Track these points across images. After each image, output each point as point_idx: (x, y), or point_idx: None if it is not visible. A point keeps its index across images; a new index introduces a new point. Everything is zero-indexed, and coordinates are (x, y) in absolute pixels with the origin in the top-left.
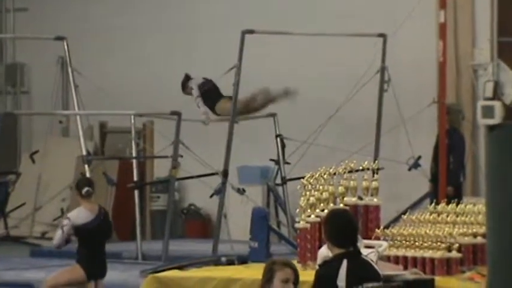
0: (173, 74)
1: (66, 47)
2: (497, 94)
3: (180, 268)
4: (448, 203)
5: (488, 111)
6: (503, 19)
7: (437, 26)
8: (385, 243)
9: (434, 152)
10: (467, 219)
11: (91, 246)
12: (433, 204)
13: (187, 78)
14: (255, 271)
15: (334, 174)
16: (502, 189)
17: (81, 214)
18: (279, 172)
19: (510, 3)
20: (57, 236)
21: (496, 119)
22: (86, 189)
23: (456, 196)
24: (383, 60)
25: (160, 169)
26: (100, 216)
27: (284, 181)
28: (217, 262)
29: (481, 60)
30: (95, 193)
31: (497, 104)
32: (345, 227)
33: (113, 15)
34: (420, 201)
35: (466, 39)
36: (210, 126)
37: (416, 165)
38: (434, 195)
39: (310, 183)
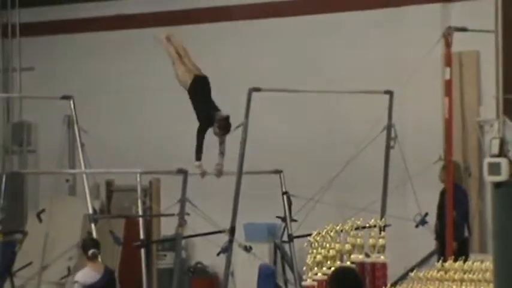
0: (180, 132)
1: (72, 105)
2: (503, 151)
3: None
4: (454, 259)
5: (494, 169)
6: (509, 76)
7: (443, 83)
8: None
9: (437, 209)
10: (475, 276)
11: None
12: (441, 261)
13: None
14: None
15: (341, 231)
16: (509, 246)
17: (87, 275)
18: (286, 229)
19: None
20: None
21: (503, 176)
22: (92, 251)
23: (461, 251)
24: (389, 118)
25: (167, 227)
26: (106, 276)
27: (291, 238)
28: None
29: (487, 116)
30: (102, 252)
31: (503, 161)
32: (350, 285)
33: (120, 74)
34: (427, 258)
35: (472, 96)
36: (216, 183)
37: (423, 222)
38: (440, 253)
39: (317, 241)
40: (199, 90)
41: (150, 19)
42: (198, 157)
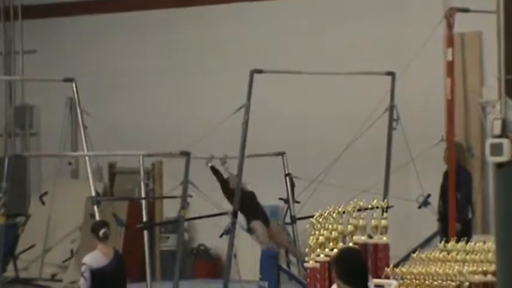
0: (182, 114)
1: (75, 88)
2: (505, 132)
3: None
4: (457, 240)
5: (496, 149)
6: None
7: (445, 64)
8: (395, 282)
9: (441, 190)
10: (477, 257)
11: None
12: (443, 242)
13: None
14: None
15: (344, 212)
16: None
17: (97, 258)
18: (289, 211)
19: None
20: (82, 285)
21: (505, 157)
22: (103, 230)
23: (464, 232)
24: (392, 99)
25: (169, 209)
26: (116, 260)
27: (294, 220)
28: None
29: (490, 97)
30: None
31: (505, 142)
32: (355, 266)
33: (122, 57)
34: (430, 239)
35: (474, 77)
36: (219, 166)
37: (426, 203)
38: (443, 234)
39: (319, 222)
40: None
41: (152, 1)
42: None
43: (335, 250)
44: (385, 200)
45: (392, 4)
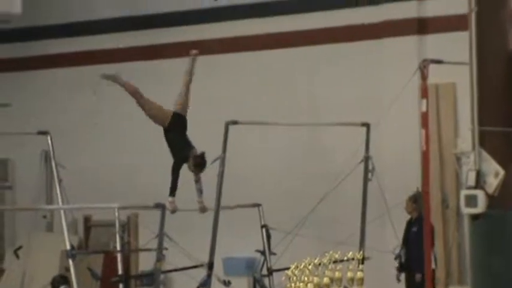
0: (157, 165)
1: (49, 141)
2: (479, 183)
3: None
4: None
5: (471, 201)
6: (484, 108)
7: (420, 115)
8: None
9: (403, 240)
10: None
11: None
12: None
13: None
14: None
15: (319, 264)
16: (487, 277)
17: None
18: (265, 263)
19: (491, 92)
20: None
21: (479, 208)
22: (63, 287)
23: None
24: (367, 150)
25: (145, 262)
26: None
27: (270, 272)
28: None
29: (464, 148)
30: None
31: (480, 193)
32: None
33: (95, 108)
34: None
35: (449, 128)
36: (194, 217)
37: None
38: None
39: (295, 275)
40: (175, 127)
41: (125, 54)
42: (172, 193)
43: None
44: (361, 252)
45: (367, 55)
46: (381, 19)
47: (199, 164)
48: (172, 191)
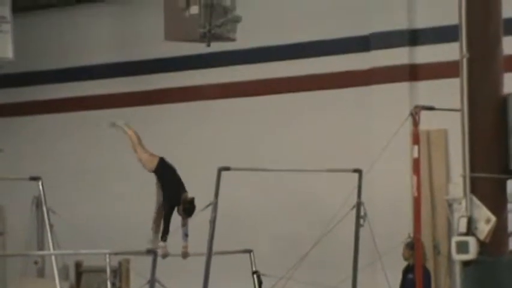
0: (148, 211)
1: (41, 187)
2: (471, 229)
3: None
4: None
5: (462, 247)
6: (476, 155)
7: (411, 161)
8: None
9: (400, 287)
10: None
11: None
12: None
13: None
14: None
15: None
16: None
17: None
18: None
19: (482, 138)
20: None
21: (471, 255)
22: None
23: None
24: (359, 196)
25: None
26: None
27: None
28: None
29: (455, 194)
30: None
31: (471, 240)
32: None
33: (86, 154)
34: None
35: (440, 174)
36: (186, 263)
37: None
38: None
39: None
40: (164, 171)
41: (117, 100)
42: (164, 238)
43: None
44: None
45: (359, 101)
46: (372, 65)
47: (188, 209)
48: (164, 235)
